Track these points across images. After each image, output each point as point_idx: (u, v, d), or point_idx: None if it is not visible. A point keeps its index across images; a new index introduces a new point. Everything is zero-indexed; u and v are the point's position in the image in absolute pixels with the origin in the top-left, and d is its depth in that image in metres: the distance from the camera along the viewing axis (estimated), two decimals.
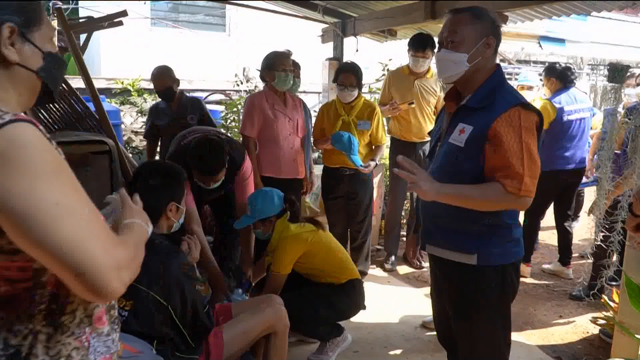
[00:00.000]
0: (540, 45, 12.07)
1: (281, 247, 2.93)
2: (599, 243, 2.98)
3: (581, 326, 3.66)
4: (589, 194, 5.35)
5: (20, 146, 0.89)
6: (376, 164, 4.06)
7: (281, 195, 3.07)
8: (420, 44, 4.17)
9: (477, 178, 1.86)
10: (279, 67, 3.67)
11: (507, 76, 2.13)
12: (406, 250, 4.83)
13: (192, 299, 2.11)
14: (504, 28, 4.48)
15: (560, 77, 4.29)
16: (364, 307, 3.17)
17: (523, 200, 1.82)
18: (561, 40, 12.30)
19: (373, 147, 4.12)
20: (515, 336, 3.49)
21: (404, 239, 5.01)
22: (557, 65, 4.43)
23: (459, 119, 1.93)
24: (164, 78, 4.29)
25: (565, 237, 4.54)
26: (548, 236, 5.46)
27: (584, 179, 4.67)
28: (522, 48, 11.65)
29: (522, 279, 4.30)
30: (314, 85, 8.33)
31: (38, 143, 0.92)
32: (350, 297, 3.06)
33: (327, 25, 5.66)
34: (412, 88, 4.32)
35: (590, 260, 4.04)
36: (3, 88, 1.02)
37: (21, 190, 0.87)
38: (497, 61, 2.05)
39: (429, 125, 4.34)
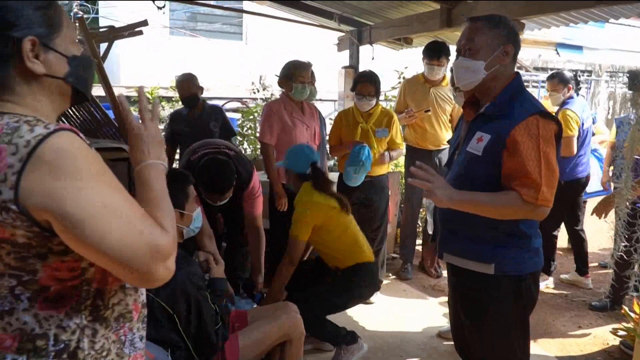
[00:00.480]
0: (558, 52, 11.97)
1: (300, 211, 3.02)
2: (620, 253, 2.93)
3: (601, 337, 3.60)
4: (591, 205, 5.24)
5: (66, 154, 0.94)
6: (390, 158, 4.07)
7: (310, 159, 3.17)
8: (434, 52, 4.17)
9: (494, 187, 1.85)
10: (297, 78, 3.71)
11: (524, 83, 2.10)
12: (424, 259, 4.80)
13: (197, 309, 2.09)
14: (521, 35, 4.47)
15: (575, 84, 4.25)
16: (377, 288, 3.28)
17: (540, 210, 1.80)
18: (579, 47, 12.18)
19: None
20: (533, 346, 3.44)
21: (420, 247, 4.99)
22: (568, 71, 4.38)
23: (477, 127, 1.92)
24: (189, 85, 4.35)
25: (579, 244, 4.47)
26: (567, 246, 5.38)
27: (599, 189, 4.61)
28: (540, 55, 11.56)
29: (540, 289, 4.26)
30: (329, 93, 8.36)
31: (82, 149, 0.97)
32: (350, 287, 3.06)
33: (343, 34, 5.69)
34: (427, 96, 4.31)
35: (611, 270, 3.98)
36: (36, 99, 1.06)
37: (71, 196, 0.93)
38: (515, 69, 2.03)
39: (445, 133, 4.33)
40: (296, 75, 3.71)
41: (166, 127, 4.73)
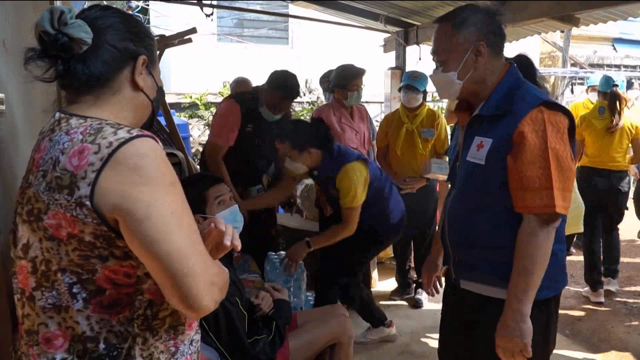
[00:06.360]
0: (615, 48, 11.51)
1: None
2: None
3: None
4: None
5: (145, 159, 0.99)
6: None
7: None
8: None
9: (509, 203, 1.59)
10: (352, 87, 3.75)
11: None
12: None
13: (226, 315, 2.03)
14: (575, 31, 4.27)
15: None
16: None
17: (558, 221, 1.57)
18: (637, 42, 11.68)
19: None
20: (591, 355, 3.32)
21: None
22: None
23: (474, 131, 1.68)
24: (247, 86, 4.47)
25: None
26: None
27: None
28: (595, 51, 11.13)
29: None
30: (375, 96, 8.32)
31: (159, 158, 1.02)
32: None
33: (389, 35, 5.65)
34: None
35: None
36: (126, 108, 1.15)
37: (144, 198, 0.97)
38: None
39: None
40: (351, 84, 3.75)
41: None
